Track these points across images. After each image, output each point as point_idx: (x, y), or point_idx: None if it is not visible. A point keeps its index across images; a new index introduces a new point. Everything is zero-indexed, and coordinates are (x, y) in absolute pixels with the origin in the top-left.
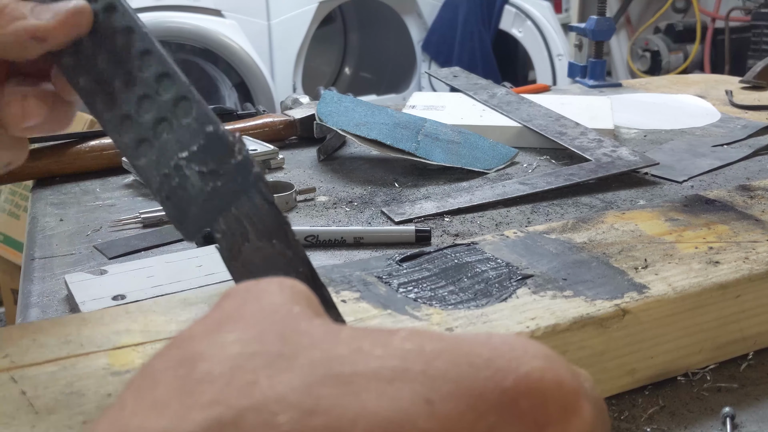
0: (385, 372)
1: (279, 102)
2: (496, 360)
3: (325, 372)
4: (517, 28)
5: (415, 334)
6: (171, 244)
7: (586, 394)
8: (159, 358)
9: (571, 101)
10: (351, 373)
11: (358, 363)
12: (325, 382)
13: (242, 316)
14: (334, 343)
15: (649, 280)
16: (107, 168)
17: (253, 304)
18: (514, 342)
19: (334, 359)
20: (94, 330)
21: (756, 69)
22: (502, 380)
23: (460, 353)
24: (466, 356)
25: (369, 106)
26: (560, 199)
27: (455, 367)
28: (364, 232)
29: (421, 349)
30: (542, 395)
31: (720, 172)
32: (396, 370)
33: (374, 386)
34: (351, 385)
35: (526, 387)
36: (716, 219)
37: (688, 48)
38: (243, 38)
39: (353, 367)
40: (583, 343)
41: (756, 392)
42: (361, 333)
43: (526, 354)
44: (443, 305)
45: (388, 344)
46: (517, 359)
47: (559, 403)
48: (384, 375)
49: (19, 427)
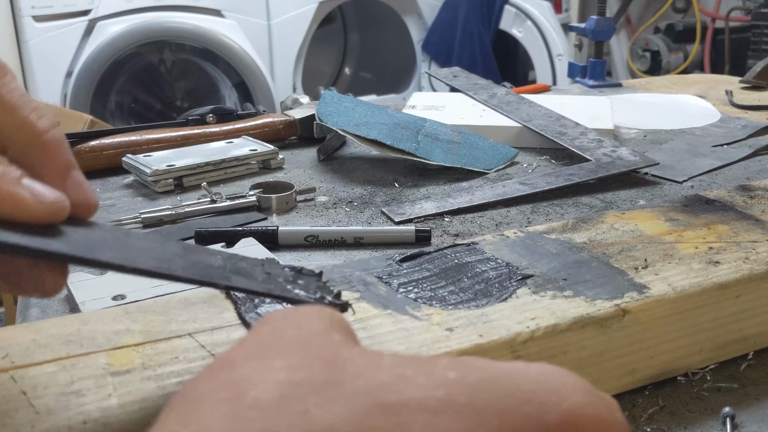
0: (431, 402)
1: (279, 102)
2: (537, 393)
3: (372, 401)
4: (517, 28)
5: (457, 363)
6: None
7: (620, 426)
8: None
9: (571, 101)
10: (397, 403)
11: (403, 392)
12: (372, 413)
13: (285, 342)
14: (377, 370)
15: (649, 280)
16: (107, 168)
17: (293, 330)
18: (552, 373)
19: (379, 388)
20: (94, 330)
21: (756, 69)
22: (546, 416)
23: (501, 385)
24: (508, 388)
25: (369, 106)
26: (560, 199)
27: (498, 400)
28: (364, 232)
29: (465, 379)
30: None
31: (720, 172)
32: (442, 401)
33: (421, 418)
34: (398, 416)
35: (569, 423)
36: (716, 219)
37: (688, 48)
38: (243, 38)
39: (399, 397)
40: (583, 343)
41: (756, 392)
42: (402, 360)
43: (565, 387)
44: (443, 305)
45: (431, 373)
46: (557, 392)
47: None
48: (430, 406)
49: (19, 427)
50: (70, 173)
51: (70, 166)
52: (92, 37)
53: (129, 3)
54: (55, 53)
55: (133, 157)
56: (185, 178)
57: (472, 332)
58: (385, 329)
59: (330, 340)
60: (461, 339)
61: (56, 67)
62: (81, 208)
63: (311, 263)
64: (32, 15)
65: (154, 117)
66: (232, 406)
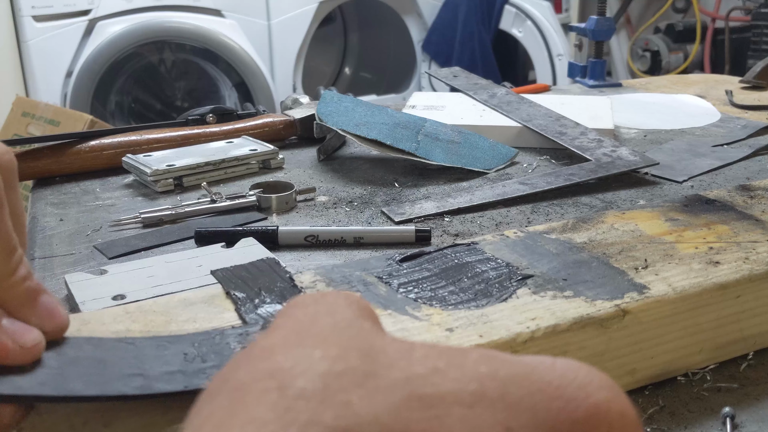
0: (465, 396)
1: (279, 102)
2: (566, 388)
3: (409, 393)
4: (517, 28)
5: (487, 356)
6: (171, 244)
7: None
8: (244, 370)
9: (571, 101)
10: (433, 395)
11: (438, 385)
12: (411, 405)
13: (320, 330)
14: (409, 361)
15: (649, 280)
16: (107, 168)
17: (326, 317)
18: (579, 369)
19: (414, 379)
20: (94, 330)
21: (756, 69)
22: (574, 411)
23: (532, 380)
24: (539, 383)
25: (369, 106)
26: (560, 199)
27: (530, 395)
28: (364, 232)
29: (496, 373)
30: (608, 425)
31: (720, 172)
32: (475, 395)
33: (457, 411)
34: (435, 409)
35: (596, 418)
36: (716, 219)
37: (688, 48)
38: (243, 38)
39: (434, 389)
40: (583, 343)
41: (756, 392)
42: (433, 351)
43: (592, 383)
44: (443, 305)
45: (463, 366)
46: (584, 388)
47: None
48: (464, 399)
49: (19, 427)
50: (39, 299)
51: (39, 291)
52: (92, 37)
53: (129, 3)
54: (55, 53)
55: (133, 157)
56: (185, 178)
57: (472, 332)
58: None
59: (362, 329)
60: (461, 339)
61: (56, 67)
62: (52, 333)
63: (311, 263)
64: (32, 15)
65: (154, 117)
66: (278, 396)
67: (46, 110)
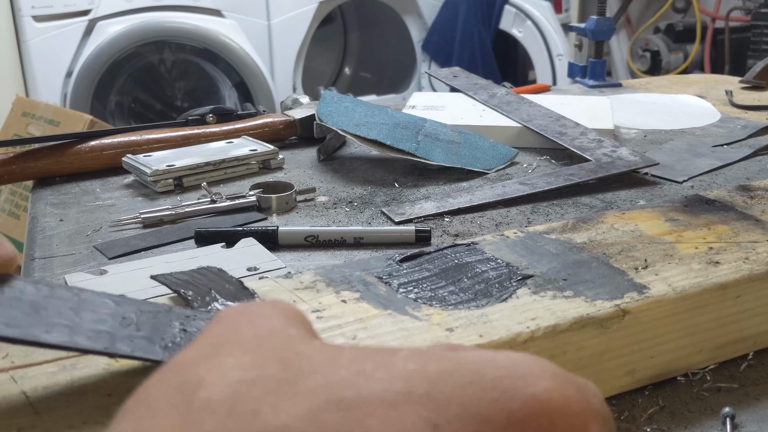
0: (389, 396)
1: (279, 102)
2: (502, 380)
3: (328, 398)
4: (517, 28)
5: (417, 354)
6: (171, 244)
7: (594, 412)
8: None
9: (571, 101)
10: (354, 398)
11: (361, 387)
12: (328, 409)
13: (239, 340)
14: (335, 366)
15: (649, 280)
16: (107, 168)
17: (248, 327)
18: (519, 360)
19: (337, 384)
20: None
21: (756, 69)
22: (509, 402)
23: (464, 373)
24: (470, 376)
25: (369, 106)
26: (560, 199)
27: (460, 388)
28: (364, 232)
29: (425, 369)
30: (550, 417)
31: (720, 172)
32: (400, 394)
33: (379, 411)
34: (355, 411)
35: (534, 409)
36: (716, 219)
37: (688, 48)
38: (243, 38)
39: (356, 391)
40: (583, 343)
41: (756, 392)
42: (362, 354)
43: (531, 374)
44: (443, 305)
45: (391, 366)
46: (522, 379)
47: (567, 423)
48: (388, 399)
49: (19, 427)
50: None
51: None
52: (92, 37)
53: (129, 3)
54: (55, 53)
55: (133, 157)
56: (185, 178)
57: (472, 332)
58: (385, 329)
59: (286, 336)
60: (461, 339)
61: (56, 67)
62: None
63: (311, 263)
64: (32, 15)
65: (154, 117)
66: (183, 410)
67: (46, 110)
